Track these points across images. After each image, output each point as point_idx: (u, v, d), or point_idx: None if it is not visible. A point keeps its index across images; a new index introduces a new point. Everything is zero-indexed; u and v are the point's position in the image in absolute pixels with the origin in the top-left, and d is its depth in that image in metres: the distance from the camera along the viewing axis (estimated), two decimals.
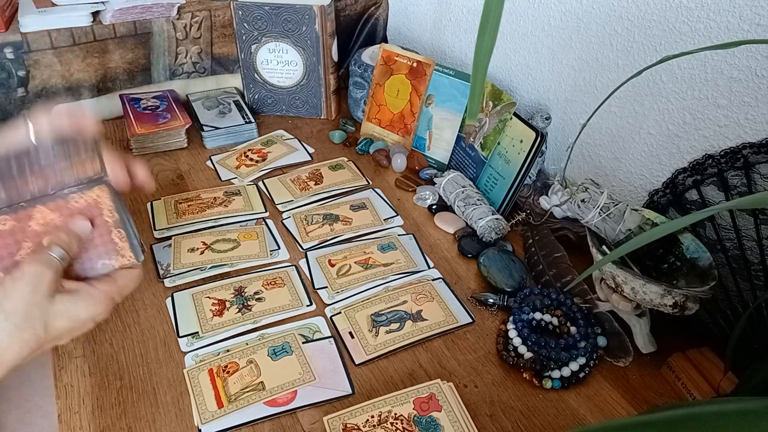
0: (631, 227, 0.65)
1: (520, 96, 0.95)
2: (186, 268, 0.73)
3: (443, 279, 0.74)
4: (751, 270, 0.62)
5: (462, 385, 0.61)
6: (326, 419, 0.56)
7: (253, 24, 1.01)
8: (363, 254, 0.77)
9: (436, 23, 1.11)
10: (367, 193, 0.89)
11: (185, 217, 0.81)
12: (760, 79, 0.61)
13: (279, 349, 0.63)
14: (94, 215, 0.51)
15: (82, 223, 0.50)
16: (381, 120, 1.00)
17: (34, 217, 0.49)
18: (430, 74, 0.92)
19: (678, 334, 0.66)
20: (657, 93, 0.73)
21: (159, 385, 0.60)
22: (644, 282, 0.59)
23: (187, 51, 1.04)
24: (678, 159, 0.72)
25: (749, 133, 0.64)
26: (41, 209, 0.49)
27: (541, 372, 0.62)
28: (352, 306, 0.69)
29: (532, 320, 0.67)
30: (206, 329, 0.65)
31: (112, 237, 0.51)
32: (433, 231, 0.83)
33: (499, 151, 0.84)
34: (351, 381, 0.61)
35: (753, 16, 0.60)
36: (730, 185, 0.64)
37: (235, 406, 0.57)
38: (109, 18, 0.94)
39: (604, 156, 0.83)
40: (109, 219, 0.51)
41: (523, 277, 0.73)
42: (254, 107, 1.10)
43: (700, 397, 0.60)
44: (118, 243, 0.51)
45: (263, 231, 0.80)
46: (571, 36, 0.83)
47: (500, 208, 0.83)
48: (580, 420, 0.59)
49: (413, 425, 0.56)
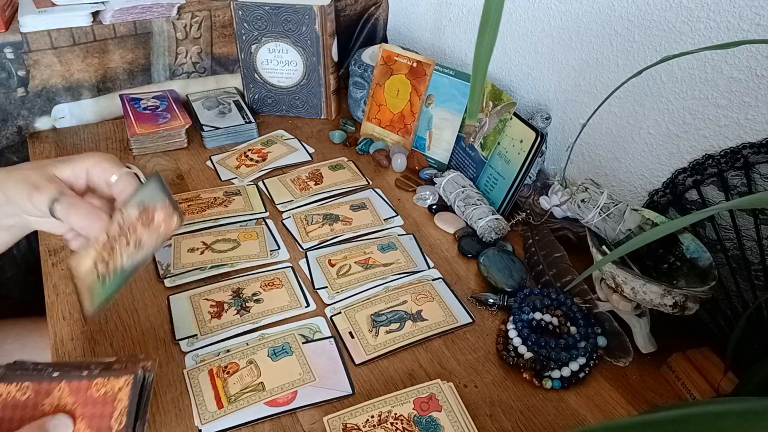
0: (631, 227, 0.65)
1: (520, 96, 0.95)
2: (186, 268, 0.73)
3: (443, 279, 0.74)
4: (751, 270, 0.62)
5: (462, 385, 0.61)
6: (326, 419, 0.56)
7: (253, 24, 1.01)
8: (363, 254, 0.77)
9: (436, 23, 1.11)
10: (367, 193, 0.89)
11: (185, 217, 0.81)
12: (760, 79, 0.61)
13: (279, 350, 0.63)
14: (103, 414, 0.46)
15: (61, 424, 0.45)
16: (381, 120, 1.00)
17: (51, 395, 0.46)
18: (430, 74, 0.92)
19: (678, 334, 0.66)
20: (657, 93, 0.73)
21: (159, 386, 0.60)
22: (644, 282, 0.59)
23: (187, 51, 1.04)
24: (678, 159, 0.72)
25: (749, 133, 0.64)
26: (63, 387, 0.46)
27: (541, 372, 0.62)
28: (352, 306, 0.69)
29: (532, 320, 0.67)
30: (204, 332, 0.65)
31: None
32: (433, 231, 0.83)
33: (499, 151, 0.84)
34: (351, 381, 0.61)
35: (753, 16, 0.60)
36: (730, 185, 0.64)
37: (235, 406, 0.57)
38: (109, 18, 0.94)
39: (604, 156, 0.83)
40: (115, 425, 0.46)
41: (523, 277, 0.73)
42: (254, 107, 1.10)
43: (700, 397, 0.60)
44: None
45: (263, 231, 0.80)
46: (571, 36, 0.83)
47: (500, 208, 0.83)
48: (580, 420, 0.59)
49: (413, 425, 0.56)
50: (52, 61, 0.92)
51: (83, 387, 0.46)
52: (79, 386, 0.46)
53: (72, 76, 0.95)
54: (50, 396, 0.46)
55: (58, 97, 0.96)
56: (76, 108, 0.99)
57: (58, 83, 0.95)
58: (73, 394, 0.46)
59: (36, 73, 0.92)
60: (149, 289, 0.71)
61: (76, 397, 0.46)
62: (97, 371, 0.47)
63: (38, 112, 0.96)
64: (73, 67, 0.95)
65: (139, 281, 0.72)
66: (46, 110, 0.97)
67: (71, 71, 0.95)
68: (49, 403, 0.46)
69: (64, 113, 0.99)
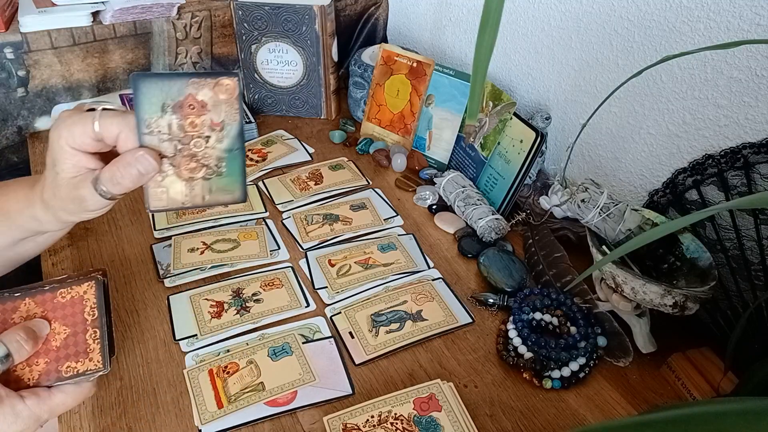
0: (631, 227, 0.65)
1: (520, 96, 0.95)
2: (186, 268, 0.73)
3: (443, 279, 0.74)
4: (751, 270, 0.62)
5: (462, 385, 0.61)
6: (326, 419, 0.56)
7: (253, 24, 1.01)
8: (363, 254, 0.77)
9: (436, 23, 1.11)
10: (367, 193, 0.89)
11: (185, 217, 0.81)
12: (760, 79, 0.61)
13: (279, 350, 0.63)
14: (75, 312, 0.50)
15: (39, 323, 0.48)
16: (381, 120, 1.00)
17: (19, 310, 0.49)
18: (430, 74, 0.92)
19: (678, 334, 0.66)
20: (657, 93, 0.73)
21: (159, 386, 0.60)
22: (644, 282, 0.59)
23: (187, 51, 1.04)
24: (678, 159, 0.72)
25: (749, 133, 0.64)
26: (28, 302, 0.49)
27: (541, 372, 0.62)
28: (352, 306, 0.69)
29: (532, 320, 0.67)
30: (204, 332, 0.65)
31: (87, 337, 0.50)
32: (433, 231, 0.83)
33: (499, 151, 0.84)
34: (351, 381, 0.61)
35: (753, 16, 0.60)
36: (730, 185, 0.64)
37: (235, 406, 0.57)
38: (109, 18, 0.94)
39: (604, 156, 0.83)
40: (89, 317, 0.50)
41: (523, 277, 0.73)
42: (254, 107, 1.10)
43: (700, 397, 0.60)
44: (90, 344, 0.50)
45: (263, 231, 0.80)
46: (571, 36, 0.83)
47: (500, 208, 0.83)
48: (580, 420, 0.59)
49: (413, 425, 0.56)
50: (52, 61, 0.92)
51: (48, 298, 0.50)
52: (44, 298, 0.50)
53: (72, 76, 0.95)
54: (18, 311, 0.49)
55: (58, 97, 0.96)
56: None
57: (58, 83, 0.95)
58: (39, 305, 0.50)
59: (36, 73, 0.92)
60: (149, 289, 0.71)
61: (44, 306, 0.50)
62: (57, 285, 0.51)
63: (38, 112, 0.96)
64: (73, 67, 0.95)
65: (139, 281, 0.72)
66: (46, 110, 0.97)
67: (71, 71, 0.95)
68: (19, 316, 0.49)
69: None
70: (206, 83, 0.46)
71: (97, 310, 0.51)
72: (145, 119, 0.46)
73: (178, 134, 0.47)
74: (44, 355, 0.48)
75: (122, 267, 0.74)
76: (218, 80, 0.47)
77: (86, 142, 0.46)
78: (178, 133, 0.47)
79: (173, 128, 0.47)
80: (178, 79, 0.46)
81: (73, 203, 0.48)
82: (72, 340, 0.49)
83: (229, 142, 0.48)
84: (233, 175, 0.49)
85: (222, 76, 0.46)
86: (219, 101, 0.47)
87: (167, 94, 0.46)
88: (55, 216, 0.51)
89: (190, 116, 0.47)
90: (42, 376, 0.48)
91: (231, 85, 0.47)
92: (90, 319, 0.50)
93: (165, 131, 0.47)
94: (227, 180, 0.50)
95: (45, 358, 0.48)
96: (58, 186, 0.48)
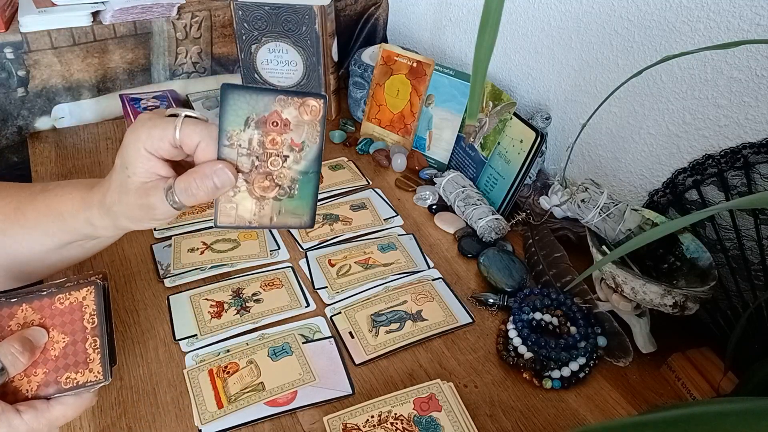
0: (631, 227, 0.65)
1: (520, 96, 0.95)
2: (186, 268, 0.73)
3: (443, 279, 0.74)
4: (751, 270, 0.62)
5: (462, 385, 0.61)
6: (326, 419, 0.56)
7: (253, 24, 1.01)
8: (363, 254, 0.77)
9: (436, 23, 1.11)
10: (367, 193, 0.89)
11: (185, 217, 0.81)
12: (760, 79, 0.61)
13: (279, 350, 0.63)
14: (74, 319, 0.48)
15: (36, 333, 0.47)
16: (381, 120, 1.00)
17: (16, 316, 0.47)
18: (430, 74, 0.92)
19: (678, 334, 0.66)
20: (657, 93, 0.73)
21: (159, 385, 0.60)
22: (644, 282, 0.59)
23: (187, 51, 1.04)
24: (678, 159, 0.72)
25: (749, 133, 0.64)
26: (25, 308, 0.47)
27: (541, 372, 0.62)
28: (352, 306, 0.69)
29: (532, 320, 0.67)
30: (204, 332, 0.65)
31: (86, 346, 0.48)
32: (433, 231, 0.83)
33: (499, 151, 0.84)
34: (351, 381, 0.61)
35: (753, 16, 0.60)
36: (730, 185, 0.64)
37: (235, 406, 0.57)
38: (109, 18, 0.94)
39: (604, 156, 0.83)
40: (89, 325, 0.48)
41: (523, 277, 0.73)
42: None
43: (700, 397, 0.60)
44: (90, 354, 0.48)
45: (263, 231, 0.80)
46: (571, 36, 0.83)
47: (500, 208, 0.83)
48: (580, 420, 0.59)
49: (413, 425, 0.56)
50: (52, 61, 0.92)
51: (46, 304, 0.48)
52: (42, 304, 0.48)
53: (72, 76, 0.95)
54: (15, 318, 0.47)
55: (58, 97, 0.96)
56: (76, 108, 0.99)
57: (58, 83, 0.95)
58: (37, 312, 0.48)
59: (36, 73, 0.92)
60: (149, 289, 0.71)
61: (41, 313, 0.48)
62: (55, 289, 0.49)
63: (38, 112, 0.96)
64: (73, 67, 0.95)
65: (139, 281, 0.72)
66: (46, 110, 0.97)
67: (71, 71, 0.95)
68: (16, 323, 0.47)
69: (64, 113, 0.99)
70: (293, 102, 0.45)
71: (96, 318, 0.49)
72: (227, 131, 0.45)
73: (257, 150, 0.46)
74: (43, 365, 0.47)
75: (122, 267, 0.74)
76: (305, 100, 0.46)
77: (164, 147, 0.45)
78: (258, 149, 0.46)
79: (254, 143, 0.46)
80: (266, 94, 0.45)
81: (141, 210, 0.46)
82: (71, 349, 0.48)
83: (305, 164, 0.47)
84: (305, 198, 0.48)
85: (309, 96, 0.46)
86: (302, 121, 0.46)
87: (253, 108, 0.45)
88: (114, 222, 0.49)
89: (271, 133, 0.46)
90: (41, 387, 0.47)
91: (317, 106, 0.46)
92: (90, 327, 0.48)
93: (245, 146, 0.45)
94: (297, 203, 0.48)
95: (44, 368, 0.47)
96: (126, 190, 0.46)
